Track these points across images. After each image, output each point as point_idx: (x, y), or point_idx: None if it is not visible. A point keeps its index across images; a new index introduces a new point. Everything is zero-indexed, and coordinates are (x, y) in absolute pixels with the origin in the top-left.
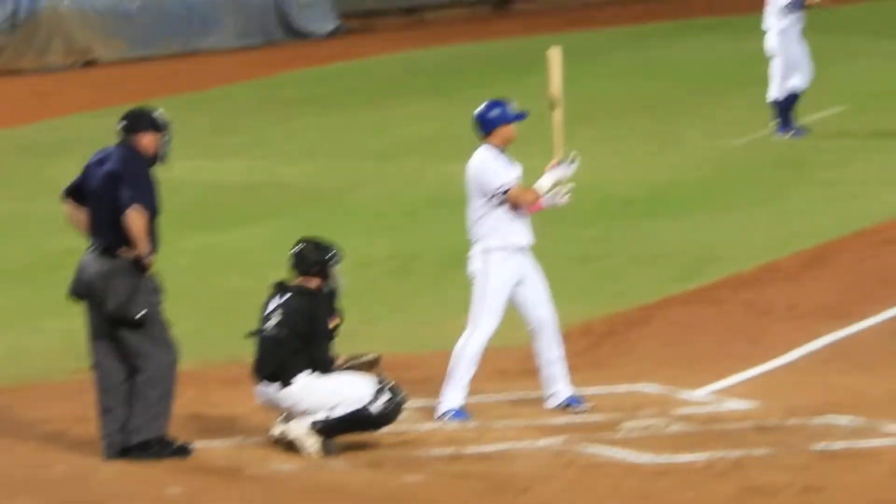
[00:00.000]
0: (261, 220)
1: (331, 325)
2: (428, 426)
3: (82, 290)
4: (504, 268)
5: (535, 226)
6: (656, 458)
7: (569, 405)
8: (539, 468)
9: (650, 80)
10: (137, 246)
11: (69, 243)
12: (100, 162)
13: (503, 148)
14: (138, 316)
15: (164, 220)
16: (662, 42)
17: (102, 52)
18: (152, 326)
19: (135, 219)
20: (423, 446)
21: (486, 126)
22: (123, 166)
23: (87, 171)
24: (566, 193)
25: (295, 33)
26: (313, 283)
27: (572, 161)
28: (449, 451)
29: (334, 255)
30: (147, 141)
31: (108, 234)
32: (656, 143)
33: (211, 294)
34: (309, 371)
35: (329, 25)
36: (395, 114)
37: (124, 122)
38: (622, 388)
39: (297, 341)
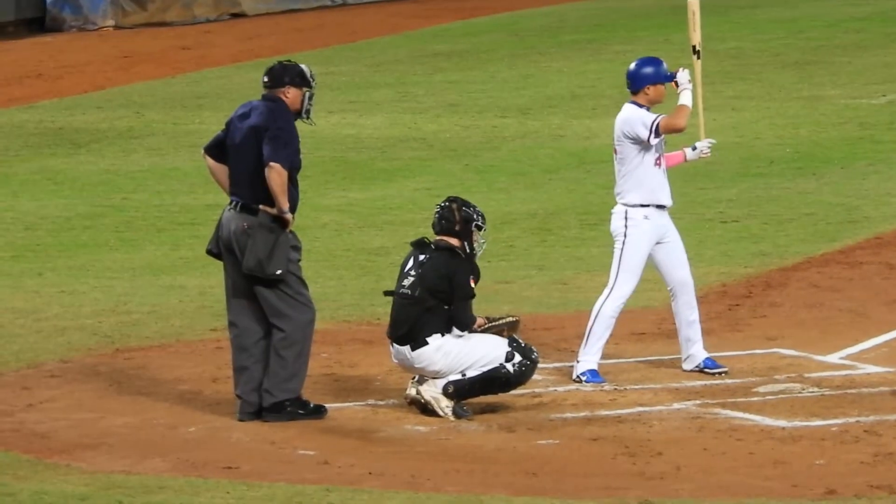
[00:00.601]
0: (402, 177)
1: (472, 285)
2: (563, 388)
3: (221, 247)
4: (644, 227)
5: (676, 186)
6: (790, 423)
7: (705, 368)
8: (673, 432)
9: (795, 37)
10: (277, 202)
11: (210, 198)
12: (243, 116)
13: (649, 107)
14: (276, 273)
15: (305, 176)
16: None
17: (249, 5)
18: (290, 285)
19: (275, 175)
20: (557, 409)
21: (637, 83)
22: (267, 121)
23: (230, 126)
24: (708, 148)
25: None
26: (454, 242)
27: (683, 69)
28: (583, 413)
29: (479, 218)
30: (292, 95)
31: (249, 189)
32: (800, 100)
33: (350, 252)
34: (441, 333)
35: None
36: (539, 69)
37: (269, 76)
38: (758, 351)
39: (432, 301)
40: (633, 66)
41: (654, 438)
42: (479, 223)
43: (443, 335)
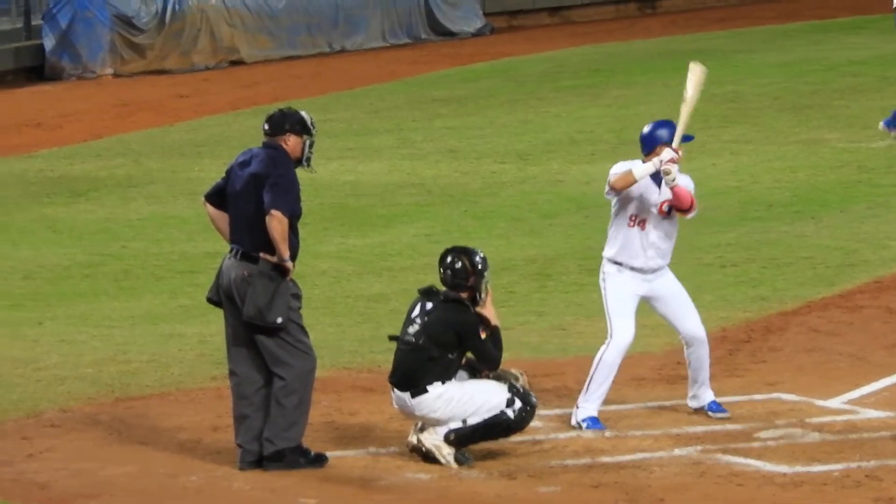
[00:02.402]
0: (401, 223)
1: (483, 336)
2: (564, 435)
3: (222, 295)
4: (618, 280)
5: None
6: (791, 469)
7: (708, 410)
8: (674, 478)
9: (793, 81)
10: (277, 250)
11: (209, 246)
12: (243, 164)
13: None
14: (277, 321)
15: (304, 223)
16: (806, 42)
17: (247, 52)
18: (291, 333)
19: (275, 223)
20: (558, 455)
21: (648, 144)
22: (267, 168)
23: (230, 173)
24: (673, 180)
25: (441, 33)
26: (463, 293)
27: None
28: (584, 460)
29: (484, 265)
30: (293, 143)
31: (249, 237)
32: (798, 144)
33: (349, 299)
34: (442, 381)
35: (475, 25)
36: (538, 114)
37: (270, 123)
38: (758, 396)
39: (436, 350)
40: (646, 128)
41: (655, 485)
42: (483, 270)
43: (443, 383)
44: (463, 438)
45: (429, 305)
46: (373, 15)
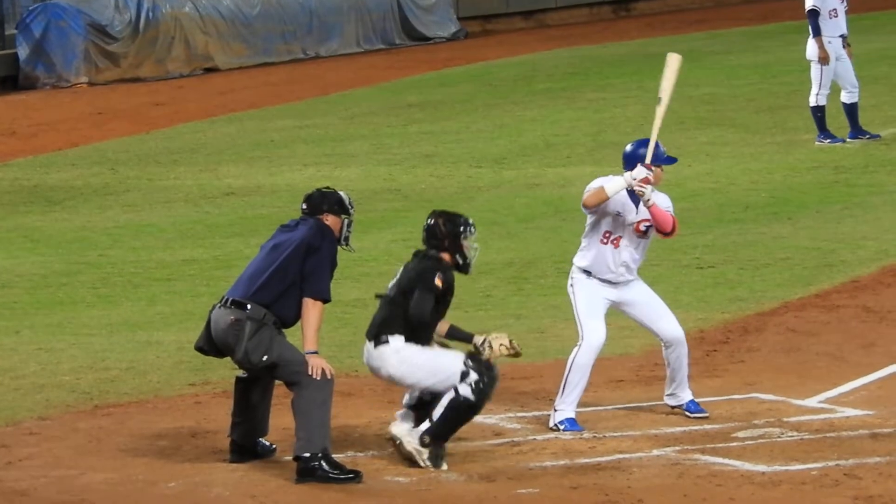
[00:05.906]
0: (377, 229)
1: (436, 282)
2: (542, 437)
3: (220, 346)
4: (587, 285)
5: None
6: (770, 468)
7: (686, 410)
8: (653, 479)
9: (769, 82)
10: (307, 339)
11: (185, 254)
12: (286, 227)
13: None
14: (263, 360)
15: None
16: (782, 43)
17: (222, 59)
18: (291, 360)
19: (316, 312)
20: (537, 458)
21: (630, 162)
22: (317, 239)
23: (273, 236)
24: (648, 201)
25: (415, 38)
26: (445, 256)
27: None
28: (562, 462)
29: (466, 228)
30: (331, 223)
31: (254, 287)
32: (774, 145)
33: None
34: (405, 336)
35: (449, 29)
36: (513, 118)
37: (308, 203)
38: (737, 396)
39: (405, 303)
40: (629, 146)
41: (635, 486)
42: (467, 233)
43: (406, 340)
44: (438, 435)
45: (411, 264)
46: (347, 21)
